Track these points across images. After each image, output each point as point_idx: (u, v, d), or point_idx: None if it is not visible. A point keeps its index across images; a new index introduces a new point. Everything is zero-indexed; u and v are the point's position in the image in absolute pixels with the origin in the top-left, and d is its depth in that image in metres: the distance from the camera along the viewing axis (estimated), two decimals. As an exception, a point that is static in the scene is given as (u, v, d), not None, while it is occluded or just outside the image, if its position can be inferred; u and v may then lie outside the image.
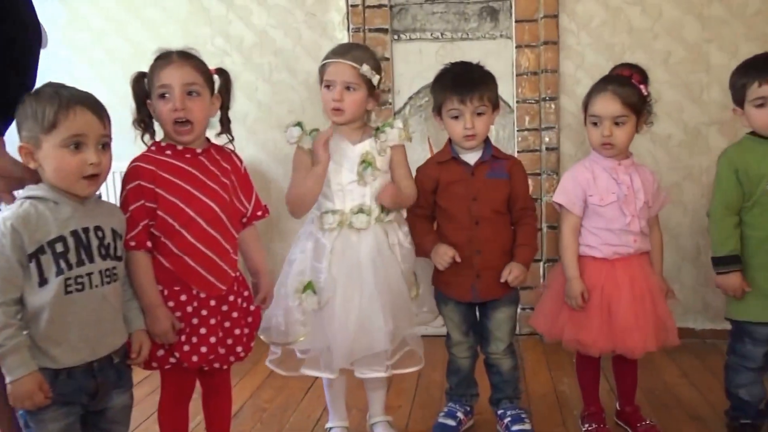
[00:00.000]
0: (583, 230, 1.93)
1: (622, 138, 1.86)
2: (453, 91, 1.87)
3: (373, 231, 1.81)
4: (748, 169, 1.80)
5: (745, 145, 1.87)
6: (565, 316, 1.90)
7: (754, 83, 1.78)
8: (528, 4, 2.76)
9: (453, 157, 1.93)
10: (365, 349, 1.78)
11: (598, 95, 1.89)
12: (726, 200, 1.83)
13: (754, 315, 1.81)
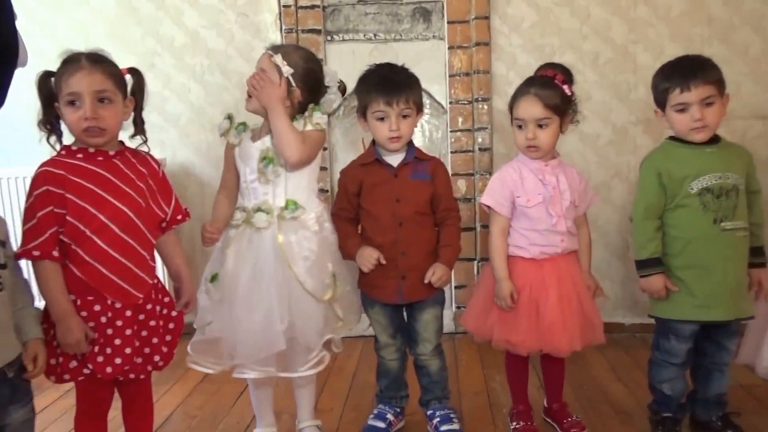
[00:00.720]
0: (512, 231, 1.94)
1: (546, 140, 1.88)
2: (379, 93, 1.86)
3: (273, 230, 1.77)
4: (671, 172, 1.83)
5: (666, 149, 1.92)
6: (494, 316, 1.92)
7: (676, 89, 1.81)
8: (460, 6, 2.78)
9: (376, 159, 1.92)
10: (264, 348, 1.74)
11: (520, 98, 1.91)
12: (648, 204, 1.87)
13: (679, 313, 1.85)
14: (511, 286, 1.87)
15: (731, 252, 1.80)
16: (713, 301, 1.81)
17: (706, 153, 1.83)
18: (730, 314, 1.82)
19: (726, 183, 1.80)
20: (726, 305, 1.81)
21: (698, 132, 1.82)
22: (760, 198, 1.90)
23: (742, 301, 1.84)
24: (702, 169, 1.82)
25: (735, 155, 1.87)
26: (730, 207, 1.80)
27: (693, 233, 1.82)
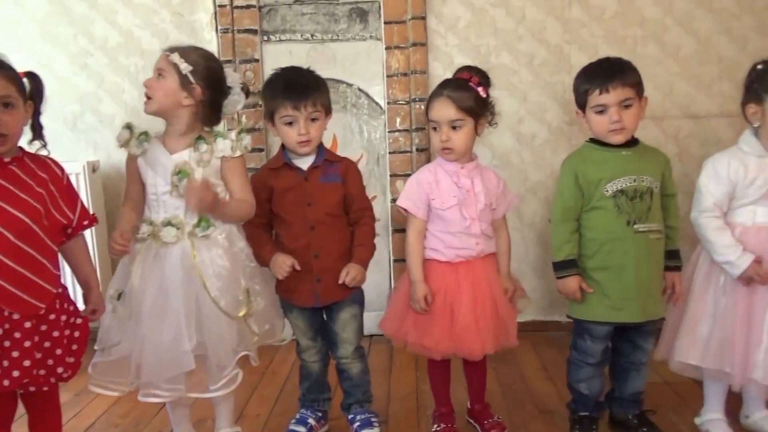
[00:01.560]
0: (428, 234, 1.95)
1: (460, 141, 1.88)
2: (286, 98, 1.84)
3: (182, 246, 1.72)
4: (587, 174, 1.85)
5: (584, 151, 1.93)
6: (410, 319, 1.92)
7: (596, 91, 1.83)
8: (396, 6, 2.77)
9: (285, 163, 1.91)
10: (171, 368, 1.68)
11: (434, 100, 1.91)
12: (565, 206, 1.88)
13: (593, 314, 1.88)
14: (426, 289, 1.87)
15: (644, 254, 1.82)
16: (625, 302, 1.83)
17: (621, 156, 1.85)
18: (640, 316, 1.84)
19: (640, 186, 1.82)
20: (637, 307, 1.83)
21: (616, 134, 1.84)
22: (675, 201, 1.93)
23: (653, 303, 1.86)
24: (617, 172, 1.84)
25: (651, 158, 1.89)
26: (644, 209, 1.82)
27: (607, 235, 1.84)
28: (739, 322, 1.81)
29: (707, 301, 1.87)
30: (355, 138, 2.88)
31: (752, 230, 1.83)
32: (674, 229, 1.91)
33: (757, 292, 1.81)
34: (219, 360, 1.72)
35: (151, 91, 1.74)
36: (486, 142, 2.83)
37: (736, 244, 1.80)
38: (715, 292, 1.86)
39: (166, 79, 1.72)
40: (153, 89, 1.73)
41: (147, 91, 1.75)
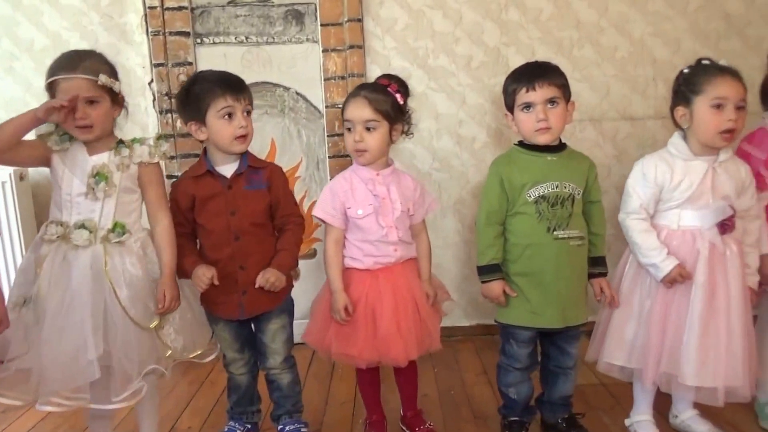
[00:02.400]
0: (347, 242, 1.92)
1: (374, 144, 1.86)
2: (225, 89, 1.79)
3: (93, 251, 1.67)
4: (512, 178, 1.85)
5: (510, 154, 1.93)
6: (333, 329, 1.89)
7: (523, 89, 1.84)
8: (332, 8, 2.73)
9: (208, 170, 1.85)
10: (75, 378, 1.61)
11: (351, 100, 1.89)
12: (490, 210, 1.88)
13: (515, 319, 1.88)
14: (346, 299, 1.84)
15: (564, 261, 1.83)
16: (545, 308, 1.83)
17: (546, 161, 1.85)
18: (559, 322, 1.84)
19: (562, 192, 1.83)
20: (556, 313, 1.84)
21: (542, 133, 1.84)
22: (599, 208, 1.93)
23: (573, 309, 1.86)
24: (540, 177, 1.84)
25: (576, 165, 1.90)
26: (565, 216, 1.82)
27: (528, 240, 1.84)
28: (657, 322, 1.82)
29: (633, 302, 1.88)
30: (294, 142, 2.84)
31: (677, 233, 1.84)
32: (598, 236, 1.92)
33: (677, 294, 1.82)
34: (124, 371, 1.66)
35: (90, 120, 1.66)
36: (426, 145, 2.82)
37: (661, 247, 1.81)
38: (641, 294, 1.87)
39: (101, 104, 1.68)
40: (92, 118, 1.67)
41: (84, 121, 1.66)
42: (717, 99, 1.76)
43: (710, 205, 1.80)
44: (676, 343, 1.81)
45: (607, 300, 1.90)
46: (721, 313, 1.79)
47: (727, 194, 1.81)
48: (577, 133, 2.81)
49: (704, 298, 1.78)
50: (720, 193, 1.81)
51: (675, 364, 1.79)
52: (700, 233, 1.81)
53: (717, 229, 1.80)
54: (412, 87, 2.69)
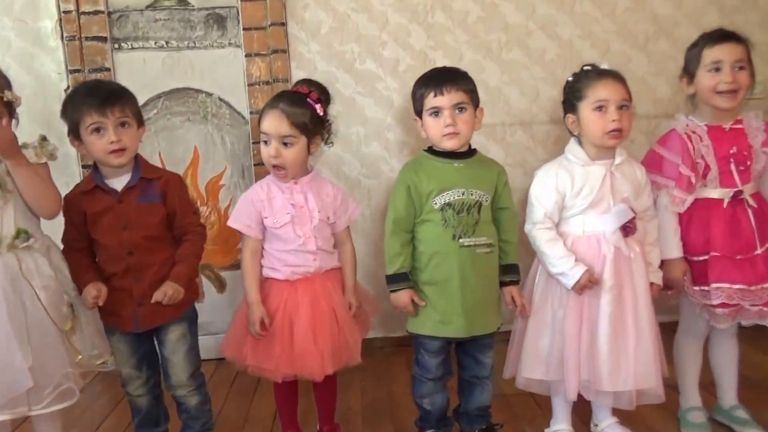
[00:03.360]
0: (265, 252, 1.85)
1: (291, 159, 1.80)
2: (90, 104, 1.69)
3: (4, 259, 1.60)
4: (419, 185, 1.81)
5: (418, 161, 1.88)
6: (251, 341, 1.81)
7: (431, 93, 1.80)
8: (255, 12, 2.66)
9: (97, 185, 1.76)
10: (7, 390, 1.57)
11: (268, 112, 1.82)
12: (396, 217, 1.82)
13: (422, 328, 1.82)
14: (262, 311, 1.77)
15: (469, 269, 1.78)
16: (451, 317, 1.78)
17: (454, 168, 1.81)
18: (465, 331, 1.79)
19: (468, 199, 1.78)
20: (462, 322, 1.78)
21: (450, 138, 1.80)
22: (509, 215, 1.88)
23: (481, 318, 1.81)
24: (447, 184, 1.79)
25: (484, 171, 1.85)
26: (470, 224, 1.78)
27: (434, 248, 1.80)
28: (571, 331, 1.78)
29: (546, 313, 1.84)
30: (218, 150, 2.75)
31: (582, 239, 1.81)
32: (509, 243, 1.87)
33: (588, 300, 1.78)
34: (47, 375, 1.61)
35: None
36: (354, 151, 2.76)
37: (568, 255, 1.77)
38: (553, 304, 1.83)
39: (1, 119, 1.60)
40: None
41: None
42: (598, 102, 1.77)
43: (611, 208, 1.78)
44: (591, 350, 1.77)
45: (518, 310, 1.84)
46: (629, 315, 1.76)
47: (627, 196, 1.80)
48: (507, 138, 2.78)
49: (612, 302, 1.75)
50: (619, 196, 1.79)
51: (592, 370, 1.75)
52: (605, 237, 1.78)
53: (620, 233, 1.77)
54: (338, 91, 2.70)
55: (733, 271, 1.80)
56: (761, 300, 1.80)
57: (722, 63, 1.83)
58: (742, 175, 1.84)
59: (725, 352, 1.99)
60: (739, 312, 1.83)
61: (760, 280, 1.80)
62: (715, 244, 1.83)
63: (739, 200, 1.84)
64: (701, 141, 1.87)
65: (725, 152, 1.85)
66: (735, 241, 1.82)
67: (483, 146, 2.73)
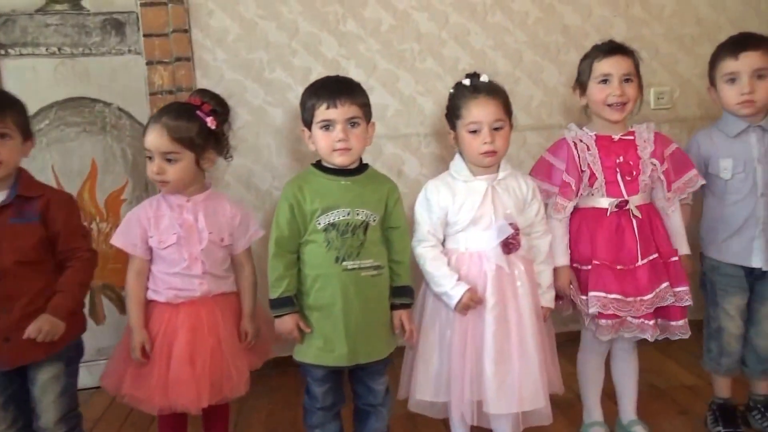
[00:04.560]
0: (151, 274, 1.74)
1: (175, 175, 1.71)
2: None
3: None
4: (302, 204, 1.72)
5: (304, 177, 1.80)
6: (131, 369, 1.70)
7: (323, 105, 1.72)
8: (156, 18, 2.52)
9: None
10: None
11: (150, 126, 1.72)
12: (279, 238, 1.72)
13: (307, 357, 1.74)
14: (144, 337, 1.67)
15: (352, 293, 1.70)
16: (334, 344, 1.70)
17: (340, 186, 1.73)
18: (348, 360, 1.71)
19: (354, 219, 1.71)
20: (345, 350, 1.70)
21: (341, 154, 1.73)
22: (400, 234, 1.82)
23: (367, 344, 1.73)
24: (331, 203, 1.71)
25: (373, 189, 1.78)
26: (355, 245, 1.70)
27: (317, 271, 1.72)
28: (457, 352, 1.75)
29: (434, 334, 1.80)
30: (118, 162, 2.60)
31: (465, 256, 1.79)
32: (400, 264, 1.80)
33: (473, 320, 1.76)
34: None
35: None
36: (265, 162, 2.66)
37: (451, 274, 1.74)
38: (441, 324, 1.80)
39: None
40: None
41: None
42: (471, 124, 1.77)
43: (493, 225, 1.76)
44: (477, 371, 1.74)
45: (405, 335, 1.79)
46: (514, 335, 1.74)
47: (510, 212, 1.78)
48: (422, 148, 2.74)
49: (496, 321, 1.73)
50: (502, 212, 1.78)
51: (479, 393, 1.72)
52: (486, 255, 1.75)
53: (501, 249, 1.75)
54: (247, 101, 2.60)
55: (611, 280, 1.82)
56: (638, 312, 1.82)
57: (611, 76, 1.86)
58: (629, 186, 1.86)
59: (625, 367, 2.01)
60: (623, 324, 1.85)
61: (639, 292, 1.82)
62: (598, 253, 1.84)
63: (624, 211, 1.85)
64: (588, 150, 1.88)
65: (612, 162, 1.86)
66: (617, 251, 1.84)
67: (399, 157, 2.70)
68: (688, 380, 2.43)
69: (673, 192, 1.89)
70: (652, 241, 1.85)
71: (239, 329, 1.79)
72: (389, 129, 2.69)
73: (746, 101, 1.87)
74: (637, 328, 1.84)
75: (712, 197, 1.98)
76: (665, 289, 1.82)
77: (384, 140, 2.70)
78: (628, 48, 1.92)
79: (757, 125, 1.91)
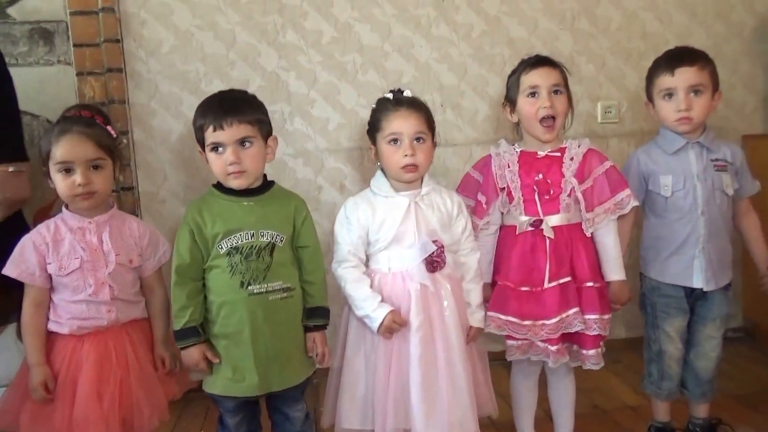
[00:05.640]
0: (52, 304, 1.63)
1: (102, 185, 1.63)
2: None
3: None
4: (203, 228, 1.63)
5: (206, 198, 1.71)
6: (30, 407, 1.59)
7: (209, 127, 1.64)
8: (86, 27, 2.44)
9: None
10: None
11: (63, 137, 1.61)
12: (179, 265, 1.63)
13: (215, 388, 1.65)
14: (46, 374, 1.56)
15: (262, 319, 1.62)
16: (243, 373, 1.62)
17: (243, 207, 1.66)
18: (259, 389, 1.63)
19: (258, 241, 1.63)
20: (255, 379, 1.62)
21: (235, 177, 1.65)
22: (311, 253, 1.74)
23: (280, 372, 1.66)
24: (234, 226, 1.63)
25: (278, 208, 1.70)
26: (261, 269, 1.62)
27: (223, 297, 1.63)
28: (382, 377, 1.69)
29: (360, 359, 1.73)
30: (47, 177, 2.49)
31: (388, 277, 1.74)
32: (313, 284, 1.72)
33: (398, 343, 1.69)
34: None
35: None
36: (202, 177, 2.56)
37: (373, 296, 1.68)
38: (366, 347, 1.73)
39: None
40: None
41: None
42: (391, 135, 1.73)
43: (416, 242, 1.70)
44: (404, 396, 1.67)
45: (318, 358, 1.72)
46: (441, 358, 1.68)
47: (433, 229, 1.73)
48: (365, 162, 2.67)
49: (421, 344, 1.66)
50: (425, 229, 1.72)
51: (406, 419, 1.65)
52: (410, 274, 1.70)
53: (425, 268, 1.68)
54: (182, 113, 2.52)
55: (510, 302, 1.79)
56: (537, 336, 1.77)
57: (539, 87, 1.82)
58: (547, 205, 1.81)
59: (559, 392, 1.96)
60: (531, 347, 1.80)
61: (543, 315, 1.77)
62: (509, 272, 1.81)
63: (540, 230, 1.80)
64: (508, 167, 1.84)
65: (530, 180, 1.82)
66: (529, 271, 1.80)
67: (341, 171, 2.63)
68: (632, 400, 2.38)
69: (603, 213, 1.83)
70: (567, 265, 1.79)
71: (154, 358, 1.70)
72: (331, 143, 2.63)
73: (683, 118, 1.83)
74: (542, 352, 1.80)
75: (653, 216, 1.93)
76: (574, 314, 1.76)
77: (326, 154, 2.63)
78: (555, 61, 1.88)
79: (696, 141, 1.87)
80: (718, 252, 1.85)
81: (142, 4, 2.47)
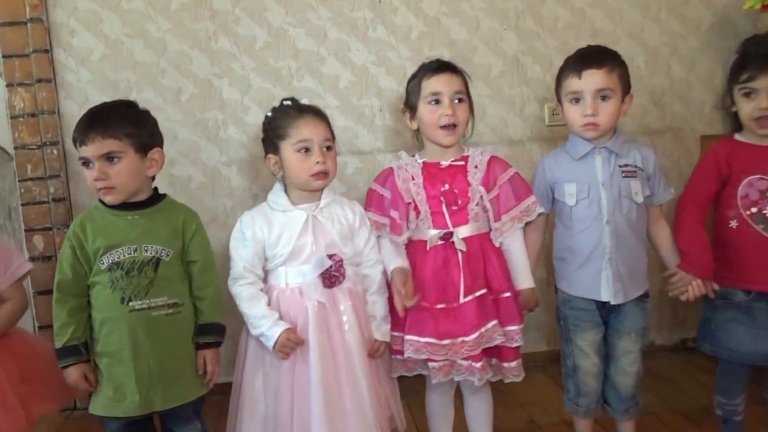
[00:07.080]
0: None
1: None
2: None
3: None
4: (85, 242, 1.60)
5: (90, 213, 1.67)
6: None
7: (77, 143, 1.62)
8: (15, 38, 2.43)
9: None
10: None
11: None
12: (62, 281, 1.60)
13: (97, 408, 1.61)
14: None
15: (142, 335, 1.58)
16: (125, 392, 1.58)
17: (126, 221, 1.62)
18: (141, 408, 1.59)
19: (141, 256, 1.59)
20: (137, 398, 1.58)
21: (105, 194, 1.61)
22: (200, 268, 1.69)
23: (165, 390, 1.61)
24: (116, 241, 1.60)
25: (164, 222, 1.66)
26: (144, 284, 1.58)
27: (103, 314, 1.60)
28: (284, 396, 1.64)
29: (259, 378, 1.67)
30: (-21, 189, 2.50)
31: (286, 293, 1.68)
32: (203, 300, 1.68)
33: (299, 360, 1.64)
34: None
35: None
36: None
37: (269, 314, 1.63)
38: (266, 367, 1.68)
39: None
40: None
41: None
42: (300, 142, 1.67)
43: (312, 257, 1.64)
44: (306, 415, 1.61)
45: (207, 378, 1.66)
46: (343, 375, 1.62)
47: (333, 241, 1.67)
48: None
49: (321, 362, 1.61)
50: (323, 242, 1.67)
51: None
52: (306, 290, 1.63)
53: (321, 283, 1.62)
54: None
55: (427, 322, 1.70)
56: (458, 354, 1.69)
57: (441, 95, 1.76)
58: (455, 216, 1.74)
59: (475, 409, 1.88)
60: (453, 366, 1.72)
61: (463, 332, 1.69)
62: (422, 291, 1.72)
63: (451, 243, 1.72)
64: (413, 180, 1.76)
65: (437, 191, 1.74)
66: (443, 287, 1.72)
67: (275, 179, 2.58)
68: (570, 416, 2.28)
69: (510, 221, 1.75)
70: (481, 276, 1.72)
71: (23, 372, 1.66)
72: (265, 150, 2.57)
73: (588, 124, 1.74)
74: (465, 371, 1.71)
75: (561, 225, 1.84)
76: (493, 328, 1.69)
77: (260, 162, 2.56)
78: (457, 66, 1.81)
79: (603, 147, 1.77)
80: (629, 263, 1.74)
81: (71, 13, 2.46)
